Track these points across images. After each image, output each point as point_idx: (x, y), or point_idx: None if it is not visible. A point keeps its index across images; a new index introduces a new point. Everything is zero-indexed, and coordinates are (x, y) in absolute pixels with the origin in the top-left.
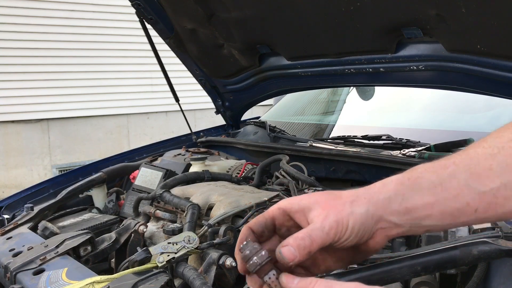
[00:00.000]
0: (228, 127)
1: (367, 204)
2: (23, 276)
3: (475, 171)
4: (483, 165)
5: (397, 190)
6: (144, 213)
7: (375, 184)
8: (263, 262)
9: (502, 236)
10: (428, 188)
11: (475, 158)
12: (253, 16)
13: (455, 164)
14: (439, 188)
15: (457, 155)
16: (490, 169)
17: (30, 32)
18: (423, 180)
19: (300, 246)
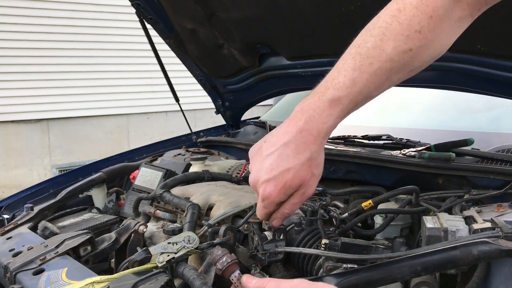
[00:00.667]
0: (228, 127)
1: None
2: (23, 276)
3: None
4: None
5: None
6: (144, 213)
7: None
8: (229, 263)
9: (503, 236)
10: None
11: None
12: (253, 16)
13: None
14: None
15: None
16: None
17: (30, 32)
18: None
19: (285, 217)
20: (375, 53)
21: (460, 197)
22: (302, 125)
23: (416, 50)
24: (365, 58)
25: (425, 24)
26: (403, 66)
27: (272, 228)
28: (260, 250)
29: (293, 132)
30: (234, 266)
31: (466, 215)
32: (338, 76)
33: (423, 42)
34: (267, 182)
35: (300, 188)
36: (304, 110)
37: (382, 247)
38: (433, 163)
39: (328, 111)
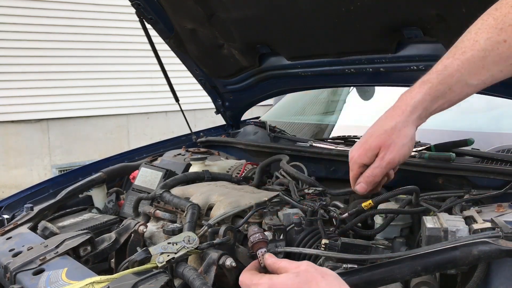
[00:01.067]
0: (228, 127)
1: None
2: (23, 276)
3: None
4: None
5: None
6: (144, 213)
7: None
8: (260, 240)
9: (503, 236)
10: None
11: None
12: (253, 16)
13: (459, 71)
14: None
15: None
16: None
17: (30, 32)
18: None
19: (367, 181)
20: (468, 43)
21: (460, 197)
22: (395, 103)
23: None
24: (459, 49)
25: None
26: (500, 57)
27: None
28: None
29: (388, 109)
30: (263, 243)
31: (466, 215)
32: (434, 67)
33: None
34: (355, 146)
35: (379, 152)
36: (401, 95)
37: (382, 247)
38: (433, 163)
39: (417, 89)
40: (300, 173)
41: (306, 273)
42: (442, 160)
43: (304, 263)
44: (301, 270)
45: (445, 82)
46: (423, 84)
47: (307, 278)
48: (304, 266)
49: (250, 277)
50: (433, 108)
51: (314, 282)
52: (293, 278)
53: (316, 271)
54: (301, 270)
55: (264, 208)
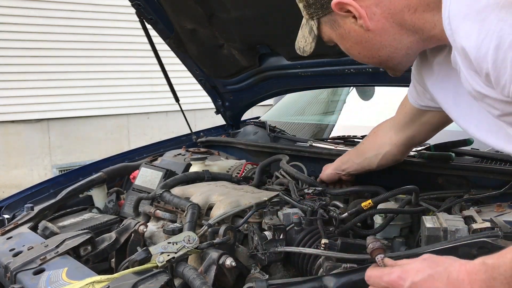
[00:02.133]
0: (228, 127)
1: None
2: (23, 276)
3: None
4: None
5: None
6: (144, 213)
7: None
8: (379, 246)
9: (502, 236)
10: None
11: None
12: (253, 16)
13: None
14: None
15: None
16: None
17: (30, 32)
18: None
19: None
20: None
21: (460, 197)
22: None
23: None
24: None
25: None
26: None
27: (272, 228)
28: (260, 250)
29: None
30: (381, 250)
31: (466, 215)
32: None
33: None
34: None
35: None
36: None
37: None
38: (433, 163)
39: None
40: (300, 173)
41: (431, 257)
42: (442, 160)
43: (425, 254)
44: (426, 256)
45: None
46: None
47: (433, 260)
48: (427, 255)
49: (379, 270)
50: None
51: (441, 263)
52: (421, 262)
53: (441, 257)
54: (426, 256)
55: (264, 208)
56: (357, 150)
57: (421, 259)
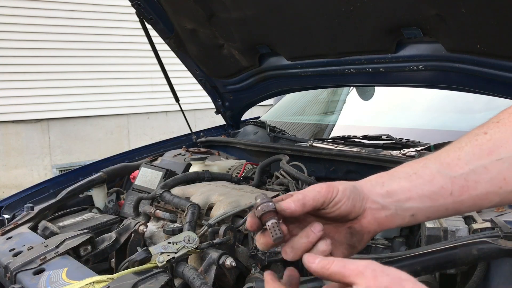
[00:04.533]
0: (228, 127)
1: (353, 184)
2: (23, 276)
3: (445, 161)
4: (451, 156)
5: (377, 179)
6: (144, 213)
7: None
8: (268, 209)
9: (502, 236)
10: (404, 177)
11: (444, 152)
12: (253, 16)
13: (427, 158)
14: (414, 176)
15: (431, 154)
16: (458, 159)
17: (30, 32)
18: (398, 172)
19: (295, 199)
20: None
21: None
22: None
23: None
24: None
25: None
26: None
27: None
28: (260, 250)
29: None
30: (273, 214)
31: (466, 215)
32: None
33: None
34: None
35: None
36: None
37: (381, 246)
38: None
39: None
40: (300, 173)
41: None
42: None
43: (367, 267)
44: (373, 285)
45: None
46: None
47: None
48: (370, 272)
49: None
50: None
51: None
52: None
53: (392, 280)
54: (372, 285)
55: None
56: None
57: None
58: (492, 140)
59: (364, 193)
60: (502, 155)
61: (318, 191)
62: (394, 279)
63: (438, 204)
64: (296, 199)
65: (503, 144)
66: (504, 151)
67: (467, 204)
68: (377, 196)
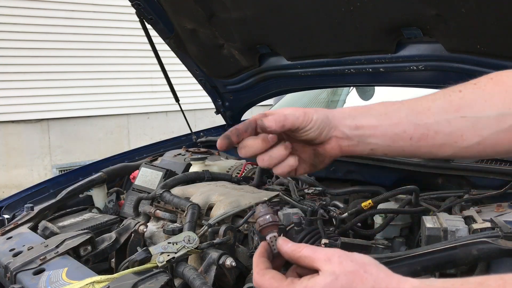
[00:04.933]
0: (228, 127)
1: (327, 113)
2: (23, 276)
3: (415, 109)
4: (423, 106)
5: (351, 112)
6: (144, 213)
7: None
8: (269, 223)
9: (502, 236)
10: (375, 115)
11: (418, 101)
12: (253, 16)
13: (401, 103)
14: (384, 116)
15: (410, 99)
16: (428, 109)
17: (30, 32)
18: (372, 110)
19: (276, 119)
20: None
21: (460, 197)
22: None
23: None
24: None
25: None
26: None
27: None
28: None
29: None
30: (274, 227)
31: (466, 215)
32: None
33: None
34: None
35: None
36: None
37: (381, 247)
38: (433, 163)
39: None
40: None
41: (345, 275)
42: (442, 160)
43: (335, 253)
44: (338, 271)
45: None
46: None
47: (348, 280)
48: (336, 258)
49: (272, 284)
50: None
51: (359, 281)
52: (332, 283)
53: (356, 265)
54: (337, 270)
55: None
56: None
57: (332, 276)
58: (464, 99)
59: (334, 123)
60: (467, 114)
61: (297, 117)
62: (358, 264)
63: (396, 145)
64: (278, 119)
65: (471, 104)
66: (470, 111)
67: (423, 150)
68: (345, 127)
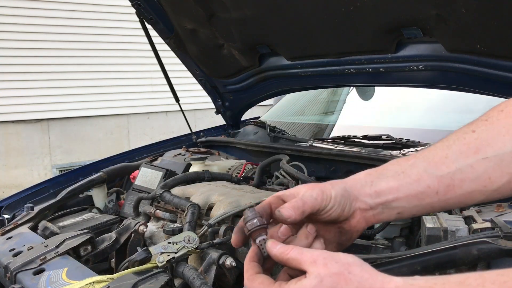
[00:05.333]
0: (228, 127)
1: (343, 184)
2: (23, 276)
3: (433, 160)
4: (439, 155)
5: (366, 178)
6: (144, 213)
7: (348, 177)
8: (257, 227)
9: (502, 236)
10: (392, 175)
11: (432, 150)
12: (253, 16)
13: (415, 157)
14: (402, 175)
15: (420, 150)
16: (446, 157)
17: (30, 32)
18: (388, 170)
19: (294, 206)
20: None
21: None
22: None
23: None
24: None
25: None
26: None
27: None
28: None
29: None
30: (262, 230)
31: (466, 215)
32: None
33: None
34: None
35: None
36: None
37: (381, 246)
38: None
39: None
40: (300, 173)
41: (330, 276)
42: None
43: (320, 255)
44: (323, 273)
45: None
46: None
47: (333, 282)
48: (321, 260)
49: (263, 284)
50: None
51: (343, 283)
52: (317, 286)
53: (341, 267)
54: (322, 272)
55: None
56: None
57: (317, 279)
58: (480, 139)
59: (354, 194)
60: (488, 154)
61: (315, 198)
62: (343, 265)
63: (424, 203)
64: (296, 206)
65: (489, 143)
66: (491, 150)
67: (452, 202)
68: (366, 196)
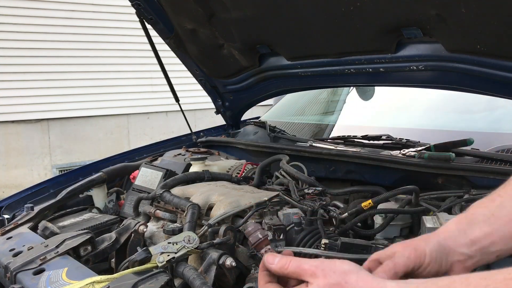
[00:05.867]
0: (228, 127)
1: (437, 239)
2: (23, 276)
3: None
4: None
5: (458, 227)
6: (144, 213)
7: (438, 229)
8: (260, 240)
9: None
10: (483, 220)
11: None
12: (253, 16)
13: (501, 196)
14: (492, 218)
15: (501, 188)
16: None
17: (30, 32)
18: (476, 216)
19: (386, 270)
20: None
21: (460, 197)
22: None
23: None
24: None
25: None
26: None
27: (272, 228)
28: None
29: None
30: (264, 241)
31: None
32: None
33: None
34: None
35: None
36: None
37: (382, 247)
38: (432, 163)
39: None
40: (300, 173)
41: (328, 287)
42: (442, 160)
43: (318, 267)
44: (323, 284)
45: None
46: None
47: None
48: (320, 272)
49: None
50: None
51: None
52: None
53: (338, 277)
54: (322, 284)
55: (264, 208)
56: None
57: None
58: None
59: (449, 247)
60: None
61: (408, 257)
62: (340, 275)
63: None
64: (388, 269)
65: None
66: None
67: None
68: (462, 247)
